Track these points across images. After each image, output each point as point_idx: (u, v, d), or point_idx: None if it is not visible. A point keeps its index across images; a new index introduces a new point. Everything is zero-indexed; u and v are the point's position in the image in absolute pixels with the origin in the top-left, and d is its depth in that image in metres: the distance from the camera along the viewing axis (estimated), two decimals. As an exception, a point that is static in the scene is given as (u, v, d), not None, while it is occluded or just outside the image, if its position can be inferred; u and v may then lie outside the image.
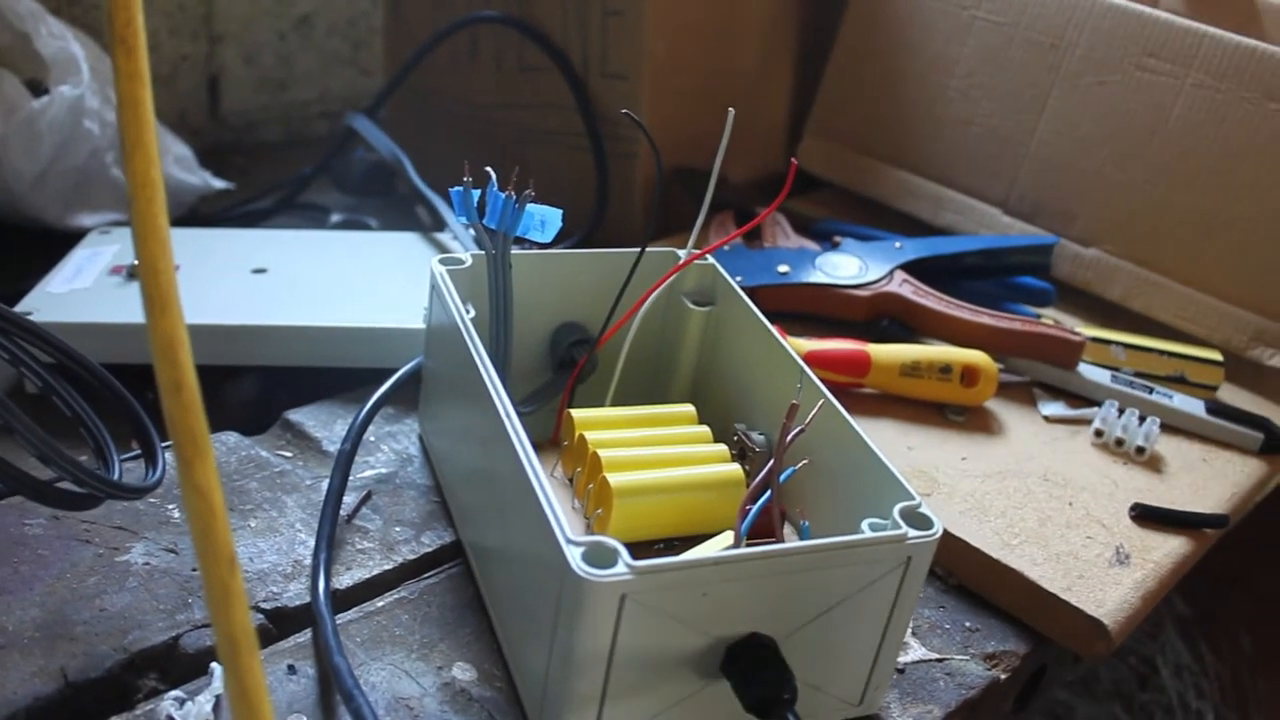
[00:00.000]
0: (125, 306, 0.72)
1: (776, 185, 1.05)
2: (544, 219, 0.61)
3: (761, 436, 0.62)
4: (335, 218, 0.98)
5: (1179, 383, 0.81)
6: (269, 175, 1.11)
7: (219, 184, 0.98)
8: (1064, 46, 0.89)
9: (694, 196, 0.93)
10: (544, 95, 0.96)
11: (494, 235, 0.61)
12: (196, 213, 0.98)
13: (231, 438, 0.67)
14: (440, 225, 0.87)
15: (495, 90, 0.99)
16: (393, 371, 0.69)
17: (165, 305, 0.40)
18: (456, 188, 0.60)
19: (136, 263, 0.75)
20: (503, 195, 0.60)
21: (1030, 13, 0.90)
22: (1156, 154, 0.86)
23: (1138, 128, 0.86)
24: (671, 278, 0.65)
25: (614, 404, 0.66)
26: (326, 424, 0.69)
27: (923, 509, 0.51)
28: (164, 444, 0.58)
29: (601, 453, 0.58)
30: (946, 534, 0.63)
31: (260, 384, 0.76)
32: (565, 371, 0.68)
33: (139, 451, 0.59)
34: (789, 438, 0.51)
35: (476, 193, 0.60)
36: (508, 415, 0.52)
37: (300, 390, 0.74)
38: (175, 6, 1.07)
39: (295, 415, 0.70)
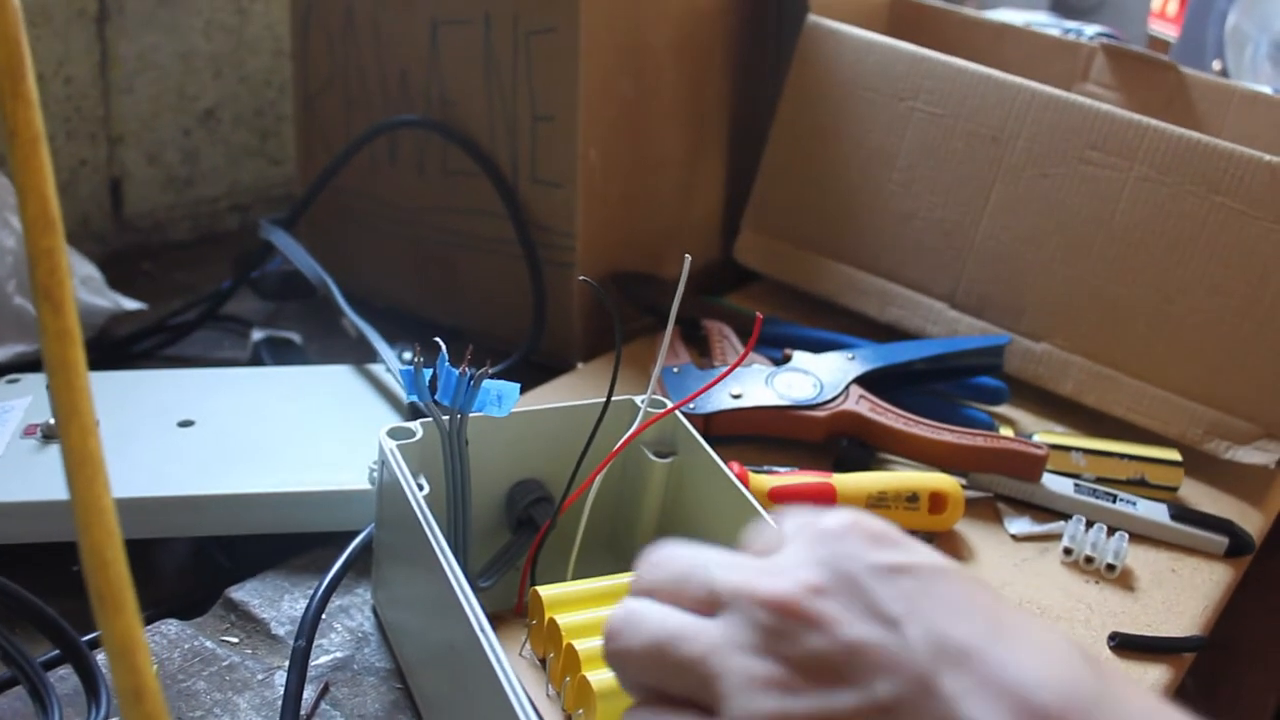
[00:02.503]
0: (48, 478, 0.67)
1: (713, 278, 1.03)
2: (500, 394, 0.58)
3: (738, 602, 0.59)
4: (257, 334, 0.93)
5: (1140, 485, 0.80)
6: (180, 278, 1.06)
7: (130, 305, 0.93)
8: (1005, 139, 0.87)
9: (632, 302, 0.91)
10: (471, 200, 0.92)
11: (447, 410, 0.58)
12: (108, 334, 0.93)
13: (172, 628, 0.62)
14: (371, 351, 0.83)
15: (418, 194, 0.95)
16: (338, 535, 0.65)
17: (119, 605, 0.36)
18: (406, 367, 0.57)
19: (53, 421, 0.70)
20: (455, 371, 0.57)
21: (970, 105, 0.89)
22: (1104, 247, 0.85)
23: (1084, 220, 0.85)
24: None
25: (576, 564, 0.63)
26: (273, 601, 0.65)
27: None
28: (89, 636, 0.54)
29: (578, 645, 0.55)
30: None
31: (196, 551, 0.71)
32: (523, 531, 0.65)
33: (57, 651, 0.55)
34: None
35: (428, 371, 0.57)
36: (479, 624, 0.48)
37: (240, 554, 0.70)
38: (72, 109, 1.01)
39: (238, 593, 0.65)
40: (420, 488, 0.57)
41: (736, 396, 0.78)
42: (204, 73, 1.08)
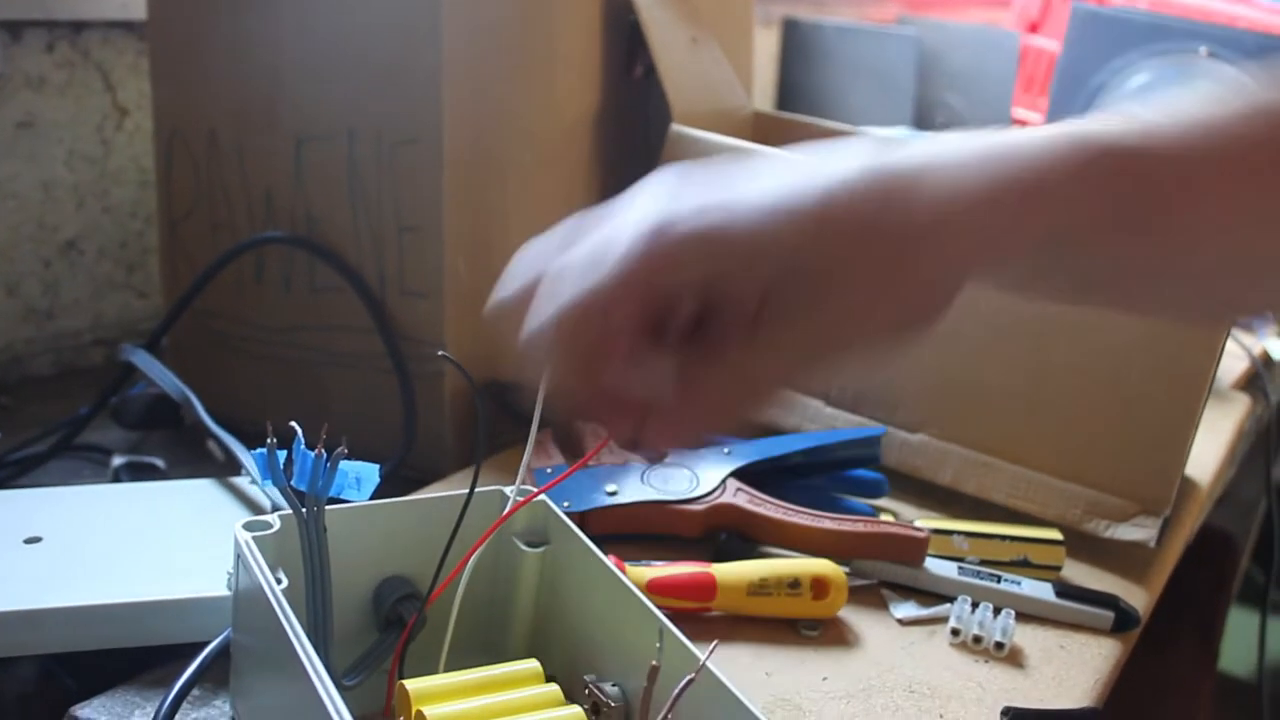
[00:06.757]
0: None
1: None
2: (359, 476, 0.56)
3: (615, 688, 0.57)
4: (118, 460, 0.90)
5: (1023, 566, 0.79)
6: (38, 412, 1.02)
7: (-19, 435, 0.89)
8: (869, 234, 0.89)
9: (505, 411, 0.89)
10: (339, 316, 0.90)
11: (304, 497, 0.55)
12: (-43, 468, 0.89)
13: (9, 750, 0.58)
14: (236, 466, 0.80)
15: (286, 313, 0.93)
16: (195, 645, 0.62)
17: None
18: (259, 450, 0.55)
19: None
20: (311, 454, 0.55)
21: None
22: (971, 336, 0.86)
23: (951, 309, 0.86)
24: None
25: (449, 663, 0.60)
26: (122, 718, 0.61)
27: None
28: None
29: (445, 735, 0.52)
30: (821, 772, 0.59)
31: (40, 671, 0.67)
32: (392, 630, 0.62)
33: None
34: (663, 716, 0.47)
35: (283, 453, 0.54)
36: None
37: (90, 673, 0.66)
38: (-76, 241, 0.98)
39: (84, 711, 0.61)
40: (278, 581, 0.54)
41: (612, 493, 0.76)
42: (66, 202, 1.06)
